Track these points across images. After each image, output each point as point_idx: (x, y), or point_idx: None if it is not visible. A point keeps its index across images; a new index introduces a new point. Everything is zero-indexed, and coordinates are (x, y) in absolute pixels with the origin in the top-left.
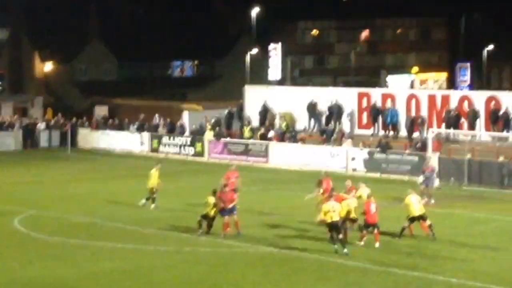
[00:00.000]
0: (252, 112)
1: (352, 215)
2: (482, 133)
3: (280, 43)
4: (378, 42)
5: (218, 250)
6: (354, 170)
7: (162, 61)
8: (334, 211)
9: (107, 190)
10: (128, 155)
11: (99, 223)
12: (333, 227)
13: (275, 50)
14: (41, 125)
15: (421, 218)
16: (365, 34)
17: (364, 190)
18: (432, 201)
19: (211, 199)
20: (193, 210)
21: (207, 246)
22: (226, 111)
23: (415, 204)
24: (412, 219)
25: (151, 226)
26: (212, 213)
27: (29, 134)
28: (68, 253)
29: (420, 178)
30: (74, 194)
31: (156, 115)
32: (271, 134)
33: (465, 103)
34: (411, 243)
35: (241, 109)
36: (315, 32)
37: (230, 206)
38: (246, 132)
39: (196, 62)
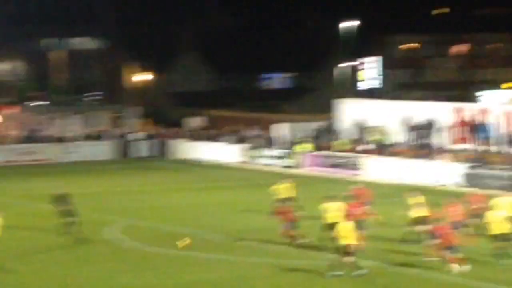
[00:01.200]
0: (345, 125)
1: None
2: None
3: (375, 57)
4: (474, 56)
5: (315, 262)
6: (448, 185)
7: (257, 73)
8: None
9: (201, 200)
10: (223, 166)
11: (193, 234)
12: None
13: (370, 64)
14: (137, 135)
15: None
16: (461, 48)
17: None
18: None
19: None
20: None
21: (303, 258)
22: (320, 124)
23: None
24: None
25: (246, 238)
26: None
27: (124, 144)
28: (161, 263)
29: None
30: (169, 204)
31: (250, 127)
32: (364, 147)
33: None
34: None
35: (334, 122)
36: (411, 45)
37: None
38: (339, 145)
39: (291, 74)
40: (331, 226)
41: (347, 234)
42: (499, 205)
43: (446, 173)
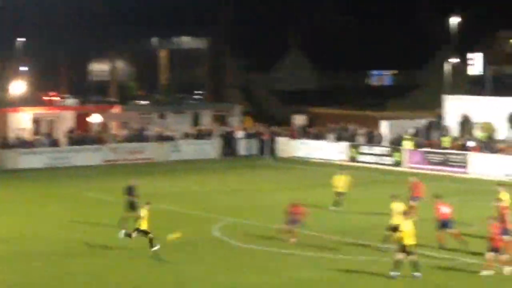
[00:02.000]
0: (451, 122)
1: None
2: None
3: (480, 53)
4: None
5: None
6: None
7: (361, 71)
8: None
9: (305, 199)
10: (327, 164)
11: (295, 232)
12: None
13: (475, 60)
14: (240, 133)
15: None
16: None
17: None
18: None
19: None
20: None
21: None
22: (425, 121)
23: None
24: None
25: (349, 236)
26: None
27: (228, 142)
28: (263, 260)
29: None
30: (273, 202)
31: (355, 125)
32: (470, 144)
33: None
34: None
35: (440, 118)
36: None
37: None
38: (446, 142)
39: (395, 71)
40: (396, 227)
41: (409, 234)
42: None
43: None
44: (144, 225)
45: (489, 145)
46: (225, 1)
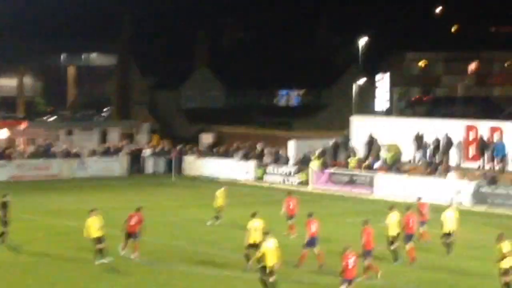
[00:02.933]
0: (358, 142)
1: None
2: None
3: (387, 74)
4: (486, 74)
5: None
6: (460, 203)
7: (268, 90)
8: None
9: (211, 217)
10: (233, 183)
11: (202, 250)
12: None
13: (382, 81)
14: (147, 151)
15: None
16: (473, 66)
17: None
18: None
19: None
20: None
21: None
22: (331, 141)
23: None
24: None
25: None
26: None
27: (135, 160)
28: (172, 279)
29: None
30: (179, 220)
31: (258, 144)
32: (376, 165)
33: None
34: None
35: (347, 139)
36: (422, 63)
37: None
38: (352, 162)
39: (302, 91)
40: (254, 245)
41: (271, 254)
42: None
43: (457, 191)
44: None
45: (395, 166)
46: (128, 19)
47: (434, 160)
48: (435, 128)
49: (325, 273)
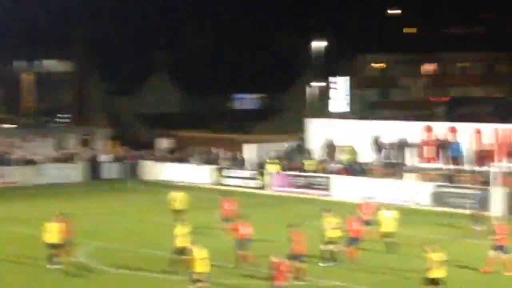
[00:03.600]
0: (314, 145)
1: None
2: None
3: (343, 77)
4: (443, 75)
5: None
6: (418, 203)
7: (225, 94)
8: None
9: (170, 222)
10: (191, 188)
11: (162, 256)
12: None
13: (338, 84)
14: (105, 157)
15: None
16: (429, 67)
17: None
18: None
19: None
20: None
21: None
22: (288, 144)
23: None
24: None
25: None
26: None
27: (94, 166)
28: (133, 286)
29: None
30: (138, 226)
31: (220, 148)
32: (333, 167)
33: None
34: None
35: (303, 142)
36: (379, 65)
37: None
38: (309, 165)
39: (259, 95)
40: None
41: (200, 260)
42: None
43: (414, 192)
44: None
45: (352, 168)
46: (85, 25)
47: (392, 162)
48: (392, 130)
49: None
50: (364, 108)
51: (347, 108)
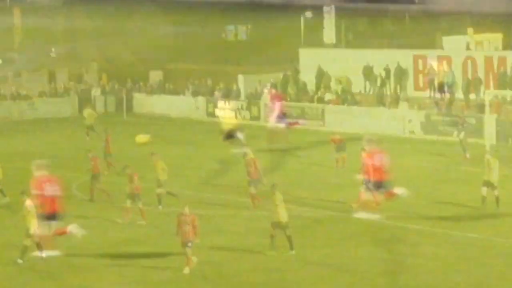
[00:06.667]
0: (307, 75)
1: None
2: None
3: (333, 6)
4: (433, 3)
5: None
6: (411, 132)
7: (216, 25)
8: None
9: (164, 155)
10: (184, 120)
11: (152, 188)
12: None
13: (329, 13)
14: (97, 91)
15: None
16: None
17: None
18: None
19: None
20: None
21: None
22: (281, 75)
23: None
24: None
25: (214, 191)
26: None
27: (85, 100)
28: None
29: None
30: (131, 158)
31: (212, 81)
32: (327, 97)
33: None
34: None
35: (296, 72)
36: None
37: None
38: (301, 95)
39: (249, 26)
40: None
41: None
42: None
43: (408, 120)
44: None
45: (345, 97)
46: None
47: (385, 91)
48: (383, 59)
49: None
50: (355, 37)
51: (334, 38)
